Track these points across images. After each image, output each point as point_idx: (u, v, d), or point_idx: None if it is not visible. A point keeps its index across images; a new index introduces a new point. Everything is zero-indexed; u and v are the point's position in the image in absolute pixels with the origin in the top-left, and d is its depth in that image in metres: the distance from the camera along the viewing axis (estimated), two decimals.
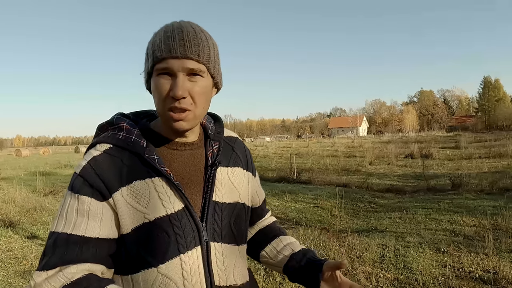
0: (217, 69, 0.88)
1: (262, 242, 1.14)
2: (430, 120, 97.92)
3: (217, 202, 0.92)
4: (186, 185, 0.89)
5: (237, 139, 1.08)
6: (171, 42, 0.80)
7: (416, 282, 3.59)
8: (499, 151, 16.54)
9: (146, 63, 0.87)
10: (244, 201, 1.00)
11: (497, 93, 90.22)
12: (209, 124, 1.01)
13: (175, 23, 0.85)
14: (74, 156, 36.59)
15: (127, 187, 0.84)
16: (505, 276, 3.53)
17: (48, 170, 17.81)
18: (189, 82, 0.83)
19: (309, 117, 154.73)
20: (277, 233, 1.15)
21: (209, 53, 0.84)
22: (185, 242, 0.85)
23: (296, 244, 1.11)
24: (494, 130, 62.14)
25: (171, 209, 0.85)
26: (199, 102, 0.85)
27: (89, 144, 0.94)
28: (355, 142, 34.55)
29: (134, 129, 0.91)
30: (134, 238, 0.83)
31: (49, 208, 7.93)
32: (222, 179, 0.95)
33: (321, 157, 20.31)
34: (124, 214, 0.83)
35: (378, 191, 9.44)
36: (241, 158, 1.05)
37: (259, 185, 1.16)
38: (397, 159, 17.01)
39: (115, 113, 0.97)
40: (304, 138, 77.05)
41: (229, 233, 0.92)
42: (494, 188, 8.35)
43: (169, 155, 0.91)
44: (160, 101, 0.83)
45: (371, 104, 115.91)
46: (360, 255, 4.34)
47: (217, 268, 0.88)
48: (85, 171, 0.84)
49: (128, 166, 0.86)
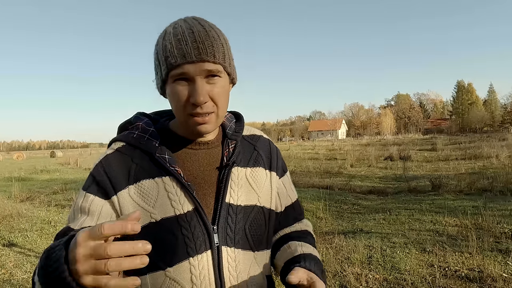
0: (232, 65, 0.86)
1: (274, 251, 1.01)
2: (406, 123, 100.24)
3: (231, 204, 0.87)
4: (198, 185, 0.86)
5: (261, 137, 1.03)
6: (183, 46, 0.76)
7: (405, 282, 3.63)
8: (474, 152, 17.06)
9: (158, 70, 0.83)
10: (264, 204, 0.94)
11: (470, 96, 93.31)
12: (229, 123, 0.98)
13: (183, 23, 0.80)
14: (49, 160, 35.49)
15: (135, 185, 0.83)
16: (490, 274, 3.62)
17: (23, 176, 17.19)
18: (208, 84, 0.80)
19: (289, 120, 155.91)
20: (291, 239, 1.00)
21: (224, 51, 0.81)
22: (194, 245, 0.81)
23: (299, 248, 0.94)
24: (468, 132, 64.15)
25: (180, 210, 0.82)
26: (220, 103, 0.82)
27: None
28: (335, 145, 34.95)
29: (150, 128, 0.90)
30: (139, 238, 0.80)
31: (27, 214, 7.64)
32: (239, 180, 0.91)
33: (302, 160, 20.41)
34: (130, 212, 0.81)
35: (361, 193, 9.55)
36: (264, 157, 0.99)
37: (288, 187, 1.04)
38: (377, 161, 17.30)
39: (135, 112, 0.96)
40: (284, 141, 77.40)
41: (243, 238, 0.87)
42: (472, 189, 8.58)
43: (183, 155, 0.88)
44: (180, 107, 0.81)
45: (349, 107, 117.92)
46: (348, 257, 4.36)
47: (229, 275, 0.84)
48: (96, 170, 0.85)
49: (138, 164, 0.85)
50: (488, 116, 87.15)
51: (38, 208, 8.50)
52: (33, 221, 7.03)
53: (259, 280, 0.90)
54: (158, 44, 0.82)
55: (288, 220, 1.05)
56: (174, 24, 0.81)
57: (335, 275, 3.85)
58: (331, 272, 3.93)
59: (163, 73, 0.80)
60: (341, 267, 4.04)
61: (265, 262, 0.94)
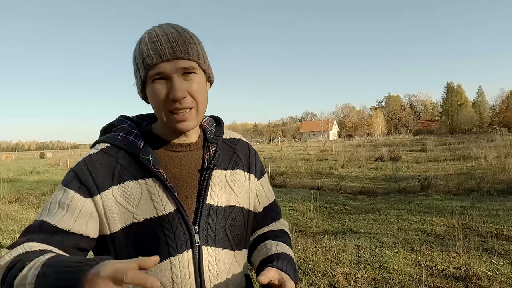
0: (207, 64, 0.90)
1: (251, 250, 1.04)
2: (397, 124, 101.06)
3: (211, 205, 0.90)
4: (180, 187, 0.89)
5: (240, 140, 1.07)
6: (158, 47, 0.81)
7: (392, 281, 3.68)
8: (463, 153, 17.32)
9: (137, 73, 0.86)
10: (243, 205, 0.97)
11: (460, 98, 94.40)
12: (210, 127, 1.00)
13: (157, 28, 0.85)
14: (39, 162, 35.14)
15: (118, 186, 0.85)
16: (475, 272, 3.69)
17: (12, 177, 17.00)
18: (185, 81, 0.83)
19: (281, 121, 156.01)
20: (267, 238, 1.04)
21: (197, 49, 0.85)
22: (175, 245, 0.84)
23: (274, 248, 0.98)
24: (457, 133, 64.93)
25: (163, 210, 0.85)
26: (199, 98, 0.85)
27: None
28: (327, 146, 35.16)
29: (133, 130, 0.92)
30: (123, 238, 0.83)
31: (15, 216, 7.58)
32: (219, 182, 0.94)
33: (294, 160, 20.51)
34: (113, 212, 0.83)
35: (351, 194, 9.64)
36: (243, 160, 1.03)
37: (266, 188, 1.09)
38: (368, 162, 17.48)
39: (118, 116, 0.98)
40: (276, 142, 77.52)
41: (223, 238, 0.90)
42: (460, 189, 8.72)
43: (166, 157, 0.91)
44: (160, 106, 0.84)
45: (341, 108, 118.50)
46: (337, 256, 4.41)
47: (209, 273, 0.87)
48: (78, 167, 0.86)
49: (122, 165, 0.87)
50: (477, 117, 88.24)
51: (27, 210, 8.43)
52: (22, 223, 6.96)
53: (238, 278, 0.94)
54: (135, 50, 0.87)
55: (266, 219, 1.10)
56: (149, 31, 0.86)
57: (325, 275, 3.89)
58: (320, 272, 3.97)
59: (142, 75, 0.84)
60: (330, 267, 4.08)
61: (244, 261, 0.98)
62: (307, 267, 4.13)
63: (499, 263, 3.98)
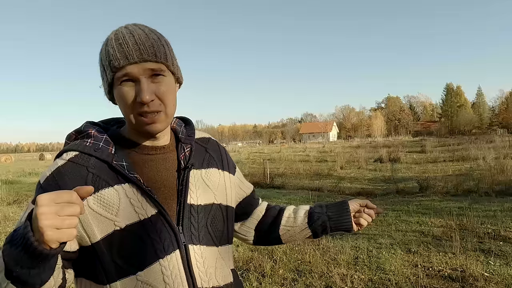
0: (175, 65, 0.89)
1: (276, 220, 1.18)
2: (397, 125, 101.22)
3: (192, 205, 0.91)
4: (158, 190, 0.88)
5: (210, 139, 1.08)
6: (125, 49, 0.80)
7: (389, 282, 3.68)
8: (462, 154, 17.32)
9: (104, 75, 0.85)
10: (220, 201, 0.99)
11: (459, 99, 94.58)
12: (180, 127, 1.01)
13: (123, 29, 0.84)
14: (38, 163, 35.12)
15: (93, 196, 0.82)
16: (472, 273, 3.69)
17: (11, 179, 17.00)
18: (153, 83, 0.83)
19: (280, 122, 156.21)
20: (281, 208, 1.22)
21: (165, 51, 0.84)
22: (162, 246, 0.83)
23: (302, 206, 1.20)
24: (457, 134, 65.04)
25: (144, 214, 0.84)
26: (167, 101, 0.85)
27: (54, 151, 0.90)
28: (326, 147, 35.16)
29: (103, 135, 0.90)
30: (105, 247, 0.81)
31: (14, 218, 7.58)
32: (196, 182, 0.95)
33: (293, 162, 20.51)
34: (91, 223, 0.81)
35: (350, 195, 9.64)
36: (215, 158, 1.04)
37: (242, 180, 1.16)
38: (367, 163, 17.45)
39: (84, 122, 0.95)
40: (276, 143, 77.54)
41: (206, 235, 0.91)
42: (458, 190, 8.72)
43: (140, 161, 0.90)
44: (128, 108, 0.83)
45: (340, 110, 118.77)
46: (334, 258, 4.41)
47: (198, 271, 0.87)
48: (46, 183, 0.83)
49: (95, 174, 0.84)
50: (476, 118, 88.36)
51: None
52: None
53: (226, 273, 0.95)
54: (101, 51, 0.85)
55: (257, 201, 1.23)
56: (115, 31, 0.85)
57: (321, 276, 3.89)
58: (317, 273, 3.97)
59: (109, 77, 0.83)
60: (327, 268, 4.08)
61: (228, 256, 1.00)
62: (304, 268, 4.13)
63: (496, 264, 3.98)
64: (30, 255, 0.63)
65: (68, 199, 0.64)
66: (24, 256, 0.63)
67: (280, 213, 1.19)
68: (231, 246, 1.03)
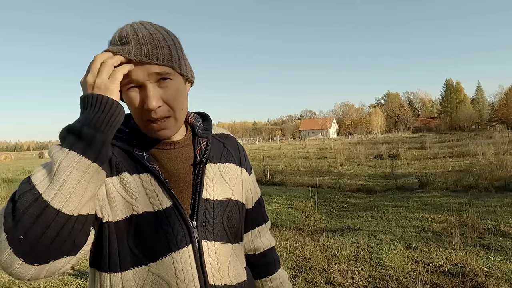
0: (183, 65, 0.85)
1: (261, 273, 1.14)
2: (396, 121, 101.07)
3: (208, 199, 0.90)
4: (174, 183, 0.88)
5: (229, 135, 1.07)
6: (127, 50, 0.78)
7: (389, 278, 3.69)
8: (461, 150, 17.29)
9: None
10: (237, 198, 0.98)
11: (458, 95, 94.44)
12: (197, 122, 1.00)
13: (128, 28, 0.81)
14: (38, 161, 35.09)
15: (117, 177, 0.83)
16: (472, 269, 3.70)
17: (11, 177, 16.99)
18: (160, 88, 0.80)
19: (280, 119, 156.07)
20: (268, 270, 1.15)
21: (170, 52, 0.81)
22: (175, 240, 0.83)
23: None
24: (456, 130, 65.01)
25: (159, 206, 0.83)
26: (176, 105, 0.83)
27: None
28: (326, 144, 35.13)
29: (125, 129, 0.91)
30: (123, 230, 0.81)
31: None
32: (214, 176, 0.94)
33: (293, 159, 20.50)
34: (115, 202, 0.81)
35: (350, 191, 9.65)
36: (234, 154, 1.03)
37: (255, 184, 1.12)
38: (367, 159, 17.46)
39: None
40: (275, 140, 77.49)
41: (221, 231, 0.90)
42: (458, 186, 8.73)
43: (158, 153, 0.90)
44: (137, 114, 0.82)
45: (340, 106, 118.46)
46: (335, 254, 4.42)
47: (211, 267, 0.86)
48: None
49: (118, 158, 0.85)
50: (476, 114, 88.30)
51: None
52: None
53: (239, 271, 0.94)
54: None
55: (258, 218, 1.15)
56: (120, 30, 0.82)
57: (322, 272, 3.90)
58: (318, 269, 3.98)
59: None
60: (328, 264, 4.09)
61: (241, 254, 0.99)
62: (304, 264, 4.14)
63: (496, 259, 4.00)
64: (99, 105, 0.71)
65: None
66: (94, 109, 0.71)
67: (267, 276, 1.16)
68: (243, 244, 1.02)
